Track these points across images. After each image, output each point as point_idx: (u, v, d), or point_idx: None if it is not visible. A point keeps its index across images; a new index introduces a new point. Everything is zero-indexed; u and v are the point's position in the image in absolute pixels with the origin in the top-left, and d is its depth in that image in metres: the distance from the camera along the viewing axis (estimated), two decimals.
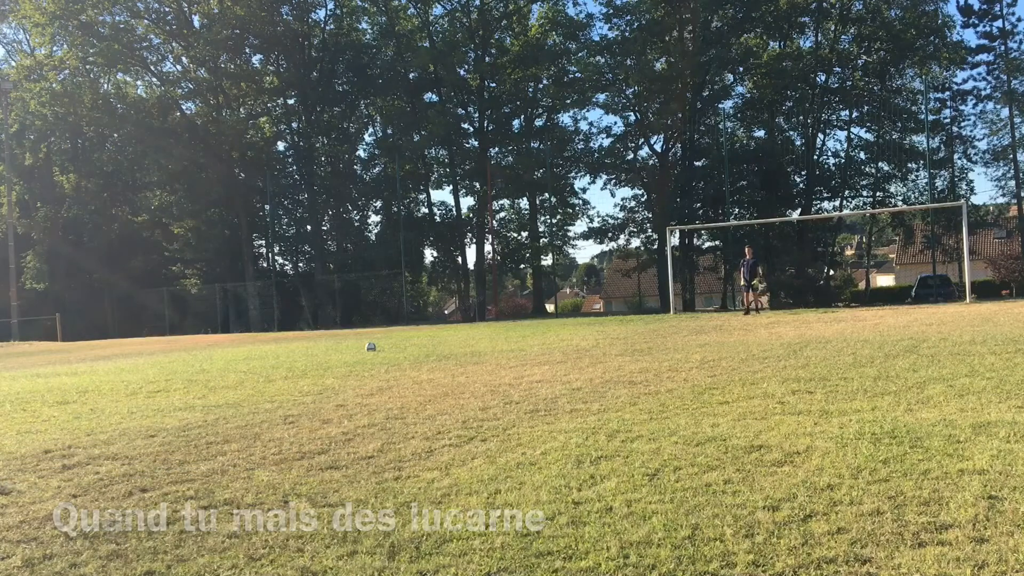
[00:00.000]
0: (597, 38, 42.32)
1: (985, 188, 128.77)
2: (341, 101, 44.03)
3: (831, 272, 42.93)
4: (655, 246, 40.77)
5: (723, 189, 36.62)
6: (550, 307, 46.41)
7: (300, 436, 7.12)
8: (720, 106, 40.66)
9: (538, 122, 45.52)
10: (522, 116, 45.11)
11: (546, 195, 43.01)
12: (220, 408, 9.16)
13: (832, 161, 41.42)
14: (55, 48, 42.72)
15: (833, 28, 39.65)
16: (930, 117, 36.00)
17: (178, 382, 12.12)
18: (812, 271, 38.99)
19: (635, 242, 44.41)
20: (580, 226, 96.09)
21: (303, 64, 42.77)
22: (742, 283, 20.18)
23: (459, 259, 45.54)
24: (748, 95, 41.45)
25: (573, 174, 45.34)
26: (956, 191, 38.82)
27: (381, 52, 44.67)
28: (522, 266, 48.76)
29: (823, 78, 39.89)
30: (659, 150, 42.98)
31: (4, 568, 4.03)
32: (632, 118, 42.92)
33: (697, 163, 41.07)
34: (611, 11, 40.09)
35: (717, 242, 40.63)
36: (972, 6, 39.56)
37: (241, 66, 42.52)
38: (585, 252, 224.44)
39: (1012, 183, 39.62)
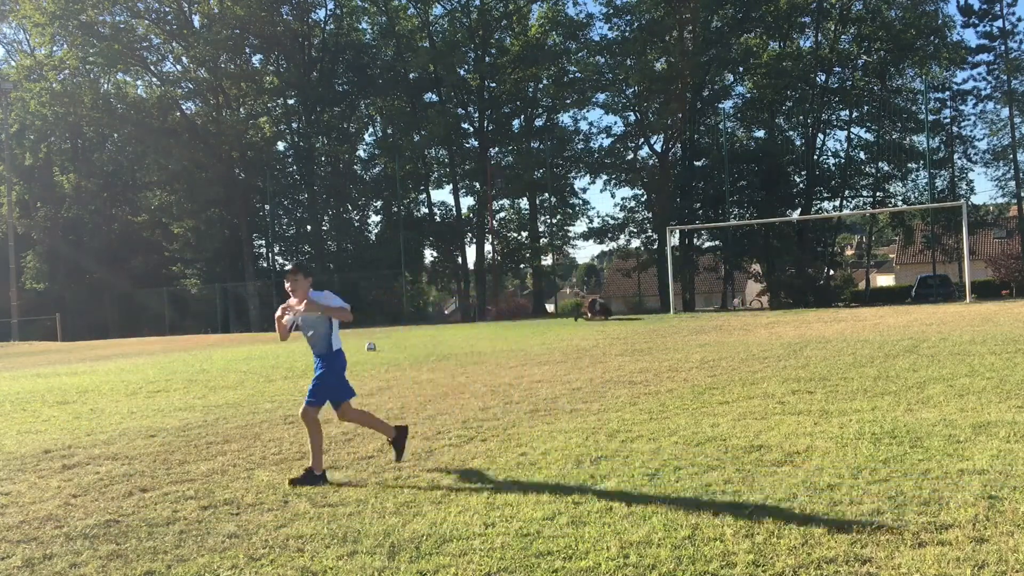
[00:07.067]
0: (597, 38, 42.31)
1: (985, 188, 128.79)
2: (341, 101, 44.01)
3: (831, 272, 42.84)
4: (655, 246, 40.72)
5: (723, 189, 36.60)
6: (550, 307, 46.37)
7: (300, 436, 7.12)
8: (720, 106, 40.64)
9: (538, 122, 45.49)
10: (522, 116, 45.08)
11: (546, 195, 42.99)
12: (220, 408, 9.17)
13: (832, 161, 41.39)
14: (55, 48, 42.70)
15: (833, 28, 39.63)
16: (930, 117, 35.94)
17: (178, 382, 12.13)
18: (812, 271, 38.92)
19: (635, 242, 44.38)
20: (580, 226, 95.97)
21: (303, 64, 42.78)
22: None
23: (459, 259, 45.54)
24: (748, 95, 41.40)
25: (573, 174, 45.32)
26: (956, 191, 38.80)
27: (381, 52, 44.67)
28: (522, 266, 48.72)
29: (823, 78, 39.86)
30: (659, 150, 42.94)
31: (4, 568, 4.03)
32: (632, 118, 42.90)
33: (697, 163, 41.03)
34: (611, 11, 40.08)
35: (717, 242, 40.59)
36: (972, 6, 39.53)
37: (241, 66, 42.52)
38: (585, 252, 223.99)
39: (1012, 183, 39.57)
